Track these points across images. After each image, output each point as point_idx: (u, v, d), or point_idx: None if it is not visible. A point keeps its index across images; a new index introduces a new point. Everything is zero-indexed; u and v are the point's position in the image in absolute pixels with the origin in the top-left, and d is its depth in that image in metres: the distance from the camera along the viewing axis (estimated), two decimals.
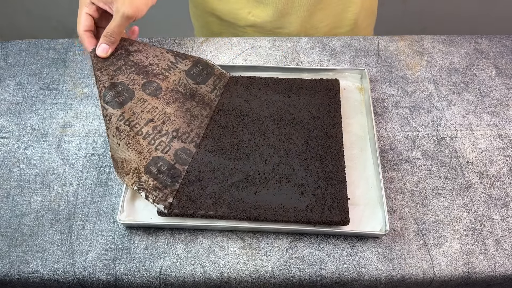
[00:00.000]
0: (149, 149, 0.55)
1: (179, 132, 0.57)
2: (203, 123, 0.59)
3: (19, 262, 0.52)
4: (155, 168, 0.54)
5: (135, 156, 0.55)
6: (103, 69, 0.59)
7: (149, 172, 0.54)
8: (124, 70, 0.60)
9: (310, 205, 0.53)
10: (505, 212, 0.56)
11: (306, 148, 0.58)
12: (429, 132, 0.63)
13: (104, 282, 0.51)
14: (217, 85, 0.63)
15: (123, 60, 0.61)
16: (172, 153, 0.56)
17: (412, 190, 0.58)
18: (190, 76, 0.63)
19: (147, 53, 0.63)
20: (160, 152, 0.55)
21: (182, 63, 0.63)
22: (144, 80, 0.60)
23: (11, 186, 0.58)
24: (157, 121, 0.57)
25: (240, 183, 0.54)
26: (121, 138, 0.55)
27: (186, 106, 0.60)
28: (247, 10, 0.77)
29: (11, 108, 0.65)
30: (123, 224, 0.53)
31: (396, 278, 0.52)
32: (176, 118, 0.58)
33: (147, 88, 0.59)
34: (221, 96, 0.63)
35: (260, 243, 0.53)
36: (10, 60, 0.70)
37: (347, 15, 0.79)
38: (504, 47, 0.73)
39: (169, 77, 0.61)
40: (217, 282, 0.52)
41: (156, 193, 0.53)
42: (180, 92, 0.61)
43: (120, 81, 0.59)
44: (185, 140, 0.57)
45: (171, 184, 0.54)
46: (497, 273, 0.52)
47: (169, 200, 0.53)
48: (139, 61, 0.61)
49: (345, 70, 0.67)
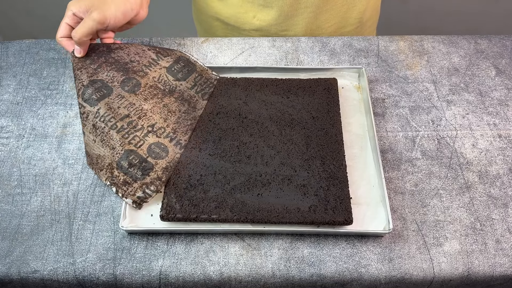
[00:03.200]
0: (122, 143, 0.56)
1: (155, 127, 0.58)
2: (180, 119, 0.59)
3: (19, 262, 0.52)
4: (126, 162, 0.54)
5: (109, 152, 0.55)
6: (83, 68, 0.61)
7: (120, 167, 0.55)
8: (104, 68, 0.61)
9: (313, 205, 0.53)
10: (505, 212, 0.56)
11: (307, 148, 0.58)
12: (429, 132, 0.63)
13: (104, 282, 0.51)
14: (198, 82, 0.63)
15: (104, 57, 0.62)
16: (145, 147, 0.56)
17: (412, 190, 0.58)
18: (171, 72, 0.63)
19: (129, 50, 0.63)
20: (134, 146, 0.56)
21: (163, 60, 0.64)
22: (124, 77, 0.60)
23: (11, 186, 0.58)
24: (133, 117, 0.58)
25: (242, 186, 0.54)
26: (97, 135, 0.56)
27: (164, 102, 0.60)
28: (252, 14, 0.77)
29: (11, 108, 0.65)
30: (126, 231, 0.53)
31: (396, 278, 0.52)
32: (153, 114, 0.58)
33: (126, 85, 0.60)
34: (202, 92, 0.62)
35: (260, 243, 0.53)
36: (10, 60, 0.70)
37: (353, 14, 0.79)
38: (504, 47, 0.73)
39: (149, 74, 0.62)
40: (217, 282, 0.52)
41: (125, 187, 0.54)
42: (159, 89, 0.61)
43: (100, 78, 0.60)
44: (160, 135, 0.57)
45: (141, 177, 0.54)
46: (497, 273, 0.52)
47: (137, 194, 0.53)
48: (120, 58, 0.62)
49: (343, 69, 0.67)
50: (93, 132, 0.56)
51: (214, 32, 0.85)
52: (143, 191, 0.54)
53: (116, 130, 0.56)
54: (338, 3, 0.76)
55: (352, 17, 0.79)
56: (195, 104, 0.61)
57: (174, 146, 0.57)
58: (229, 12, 0.79)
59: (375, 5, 0.84)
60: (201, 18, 0.87)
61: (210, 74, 0.64)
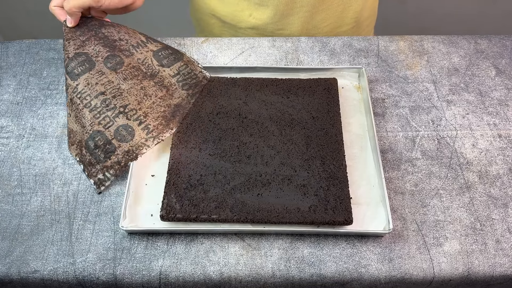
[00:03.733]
0: (92, 123, 0.56)
1: (127, 108, 0.57)
2: (154, 104, 0.59)
3: (19, 262, 0.52)
4: (92, 142, 0.55)
5: (80, 129, 0.56)
6: (72, 40, 0.60)
7: (87, 146, 0.55)
8: (92, 41, 0.61)
9: (313, 205, 0.53)
10: (505, 212, 0.56)
11: (307, 148, 0.58)
12: (429, 132, 0.63)
13: (104, 282, 0.51)
14: (181, 71, 0.62)
15: (94, 31, 0.61)
16: (113, 129, 0.56)
17: (412, 190, 0.58)
18: (157, 57, 0.62)
19: (120, 29, 0.63)
20: (102, 127, 0.56)
21: (152, 44, 0.63)
22: (109, 53, 0.60)
23: (11, 186, 0.58)
24: (108, 95, 0.57)
25: (242, 186, 0.54)
26: (72, 110, 0.57)
27: (143, 84, 0.60)
28: (248, 12, 0.77)
29: (11, 108, 0.65)
30: (126, 231, 0.53)
31: (396, 278, 0.52)
32: (129, 95, 0.58)
33: (109, 61, 0.60)
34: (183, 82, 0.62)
35: (260, 243, 0.53)
36: (10, 60, 0.70)
37: (349, 14, 0.79)
38: (504, 47, 0.73)
39: (134, 55, 0.61)
40: (217, 282, 0.52)
41: (90, 167, 0.54)
42: (141, 71, 0.60)
43: (85, 51, 0.59)
44: (130, 117, 0.57)
45: (103, 160, 0.54)
46: (497, 273, 0.52)
47: (98, 176, 0.53)
48: (110, 34, 0.62)
49: (343, 69, 0.67)
50: (70, 106, 0.57)
51: (211, 30, 0.85)
52: (103, 174, 0.54)
53: (89, 109, 0.56)
54: (334, 3, 0.76)
55: (348, 17, 0.79)
56: (173, 92, 0.60)
57: (141, 130, 0.56)
58: (226, 10, 0.79)
59: (372, 5, 0.84)
60: (198, 16, 0.87)
61: (197, 67, 0.64)
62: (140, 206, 0.55)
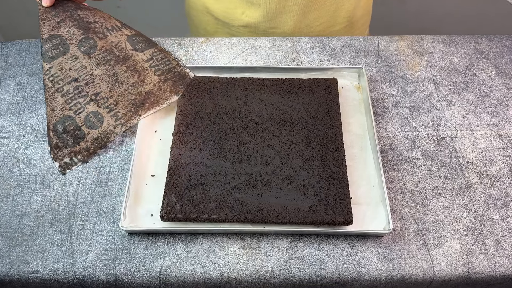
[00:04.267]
0: (63, 108, 0.56)
1: (98, 96, 0.57)
2: (126, 92, 0.58)
3: (19, 262, 0.52)
4: (62, 126, 0.55)
5: (49, 111, 0.55)
6: (47, 20, 0.60)
7: (55, 130, 0.55)
8: (67, 23, 0.60)
9: (313, 205, 0.53)
10: (505, 212, 0.56)
11: (307, 148, 0.58)
12: (429, 132, 0.63)
13: (104, 282, 0.51)
14: (155, 56, 0.61)
15: (70, 12, 0.61)
16: (83, 115, 0.56)
17: (412, 190, 0.58)
18: (131, 41, 0.62)
19: (96, 12, 0.63)
20: (73, 113, 0.56)
21: (127, 29, 0.63)
22: (83, 36, 0.59)
23: (11, 186, 0.58)
24: (81, 81, 0.57)
25: (242, 186, 0.54)
26: (43, 91, 0.56)
27: (115, 70, 0.59)
28: (241, 10, 0.77)
29: (11, 108, 0.65)
30: (126, 231, 0.53)
31: (396, 278, 0.52)
32: (101, 81, 0.58)
33: (83, 44, 0.59)
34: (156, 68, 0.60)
35: (260, 243, 0.53)
36: (10, 60, 0.70)
37: (341, 13, 0.79)
38: (504, 47, 0.73)
39: (108, 37, 0.61)
40: (217, 282, 0.52)
41: (56, 150, 0.54)
42: (114, 54, 0.60)
43: (60, 34, 0.59)
44: (101, 104, 0.57)
45: (72, 145, 0.54)
46: (497, 273, 0.52)
47: (65, 160, 0.54)
48: (85, 16, 0.61)
49: (343, 69, 0.67)
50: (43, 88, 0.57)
51: (204, 27, 0.86)
52: (71, 158, 0.54)
53: (62, 93, 0.56)
54: (326, 3, 0.76)
55: (341, 16, 0.80)
56: (145, 78, 0.59)
57: (110, 117, 0.56)
58: (219, 7, 0.79)
59: (366, 5, 0.84)
60: (192, 13, 0.87)
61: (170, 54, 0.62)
62: (140, 206, 0.55)
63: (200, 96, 0.63)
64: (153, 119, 0.63)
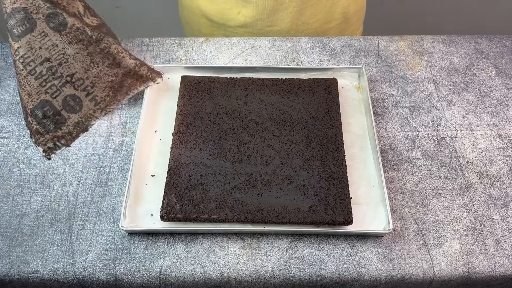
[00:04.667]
0: (38, 91, 0.54)
1: (74, 77, 0.55)
2: (101, 73, 0.56)
3: (19, 262, 0.52)
4: (40, 112, 0.54)
5: (25, 96, 0.54)
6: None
7: (34, 115, 0.54)
8: None
9: (313, 205, 0.53)
10: (505, 212, 0.56)
11: (307, 148, 0.58)
12: (429, 132, 0.63)
13: (104, 282, 0.51)
14: None
15: None
16: (61, 98, 0.54)
17: (412, 190, 0.58)
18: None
19: None
20: (49, 96, 0.54)
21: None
22: (50, 10, 0.55)
23: (11, 186, 0.58)
24: (54, 62, 0.55)
25: (242, 186, 0.54)
26: (16, 73, 0.54)
27: (89, 50, 0.56)
28: (237, 10, 0.77)
29: (11, 108, 0.65)
30: (126, 231, 0.53)
31: (396, 278, 0.52)
32: (75, 61, 0.55)
33: (52, 20, 0.55)
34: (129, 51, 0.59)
35: (260, 243, 0.53)
36: (10, 60, 0.70)
37: (337, 9, 0.79)
38: (504, 47, 0.73)
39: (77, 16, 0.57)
40: (217, 282, 0.52)
41: (37, 136, 0.54)
42: (86, 34, 0.56)
43: (23, 6, 0.54)
44: (78, 87, 0.55)
45: (54, 130, 0.54)
46: (497, 273, 0.52)
47: (48, 145, 0.54)
48: None
49: (343, 69, 0.67)
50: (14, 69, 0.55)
51: (199, 29, 0.85)
52: (54, 143, 0.54)
53: (35, 76, 0.54)
54: None
55: (337, 11, 0.79)
56: (120, 62, 0.57)
57: (89, 102, 0.55)
58: (214, 9, 0.79)
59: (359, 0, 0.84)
60: (187, 16, 0.86)
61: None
62: (140, 206, 0.55)
63: (200, 96, 0.63)
64: (153, 119, 0.63)
